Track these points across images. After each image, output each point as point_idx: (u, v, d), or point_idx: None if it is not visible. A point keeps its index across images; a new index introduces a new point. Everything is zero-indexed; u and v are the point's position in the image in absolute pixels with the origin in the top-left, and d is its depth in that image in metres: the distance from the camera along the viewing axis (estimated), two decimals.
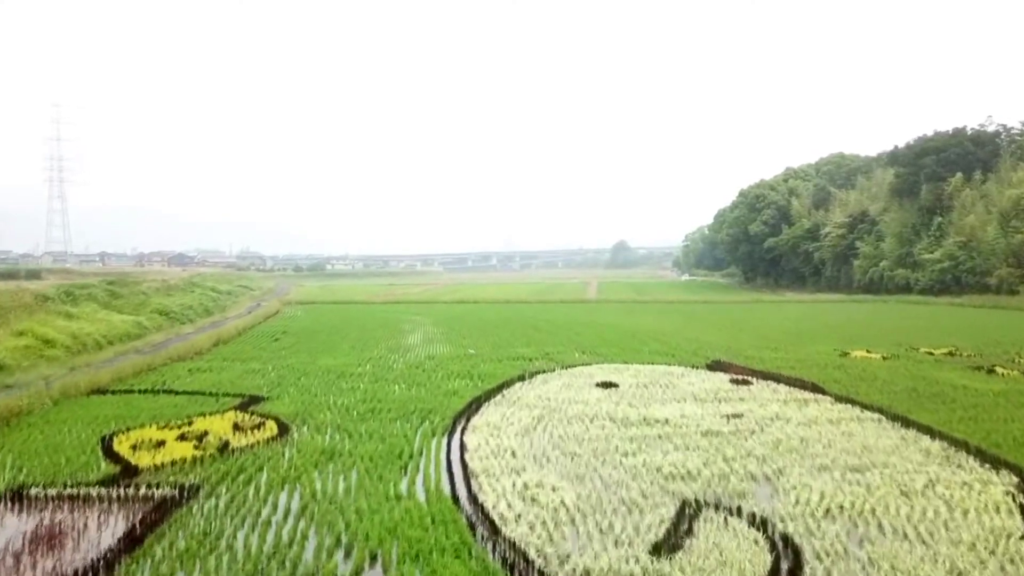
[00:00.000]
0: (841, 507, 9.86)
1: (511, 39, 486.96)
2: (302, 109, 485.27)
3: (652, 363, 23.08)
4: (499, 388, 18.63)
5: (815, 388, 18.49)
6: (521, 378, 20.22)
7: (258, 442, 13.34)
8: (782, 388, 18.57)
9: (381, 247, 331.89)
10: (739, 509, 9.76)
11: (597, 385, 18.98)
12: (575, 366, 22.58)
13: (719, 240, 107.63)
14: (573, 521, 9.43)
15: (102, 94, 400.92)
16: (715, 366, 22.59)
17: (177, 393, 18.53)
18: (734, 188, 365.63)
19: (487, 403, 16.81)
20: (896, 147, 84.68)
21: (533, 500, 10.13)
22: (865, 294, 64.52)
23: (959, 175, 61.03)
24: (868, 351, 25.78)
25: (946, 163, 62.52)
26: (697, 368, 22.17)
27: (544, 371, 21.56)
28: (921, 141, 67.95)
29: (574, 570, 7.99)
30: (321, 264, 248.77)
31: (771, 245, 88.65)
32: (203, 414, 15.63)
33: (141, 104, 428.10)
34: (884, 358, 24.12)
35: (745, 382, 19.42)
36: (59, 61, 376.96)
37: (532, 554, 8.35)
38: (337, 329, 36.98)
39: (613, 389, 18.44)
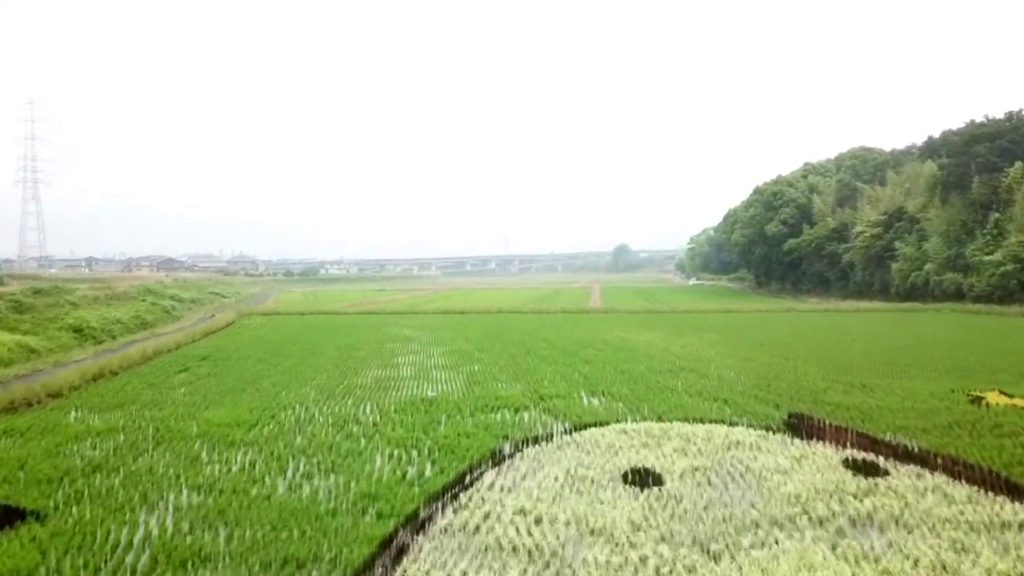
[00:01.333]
0: None
1: (511, 37, 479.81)
2: (301, 111, 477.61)
3: (701, 420, 15.19)
4: (456, 485, 10.76)
5: (1009, 486, 10.58)
6: (498, 458, 12.37)
7: None
8: (950, 486, 10.66)
9: (379, 251, 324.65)
10: None
11: (625, 481, 11.09)
12: (585, 426, 14.69)
13: (731, 242, 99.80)
14: None
15: (98, 94, 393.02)
16: (799, 424, 14.70)
17: None
18: (738, 189, 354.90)
19: (422, 539, 8.87)
20: (931, 137, 77.09)
21: None
22: (906, 301, 56.73)
23: (1018, 164, 53.16)
24: (1007, 394, 17.85)
25: (1002, 151, 54.70)
26: (774, 430, 14.27)
27: (537, 438, 13.69)
28: (970, 127, 60.13)
29: None
30: (315, 268, 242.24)
31: (791, 247, 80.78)
32: None
33: (136, 105, 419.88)
34: None
35: (874, 469, 11.53)
36: (59, 61, 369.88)
37: None
38: (277, 351, 29.14)
39: (654, 491, 10.55)
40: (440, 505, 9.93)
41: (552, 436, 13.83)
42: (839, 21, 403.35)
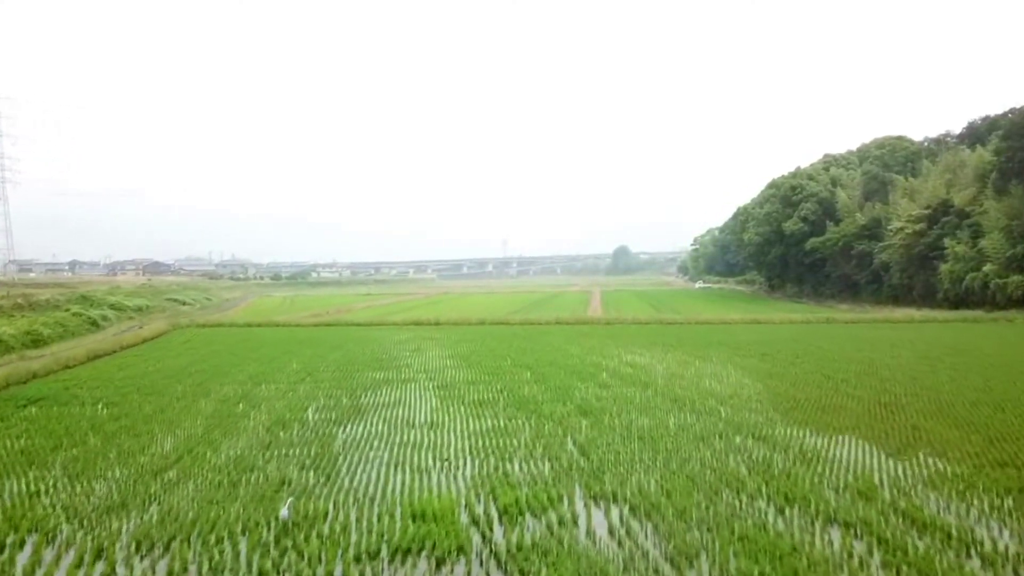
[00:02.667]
0: None
1: (511, 35, 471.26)
2: (301, 111, 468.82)
3: None
4: None
5: None
6: None
7: None
8: None
9: (377, 254, 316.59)
10: None
11: None
12: None
13: (742, 241, 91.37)
14: None
15: (99, 92, 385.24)
16: None
17: None
18: (741, 189, 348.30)
19: None
20: (973, 122, 68.95)
21: None
22: (957, 308, 48.42)
23: None
24: None
25: None
26: None
27: None
28: None
29: None
30: (307, 272, 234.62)
31: (814, 246, 72.36)
32: None
33: (133, 101, 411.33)
34: None
35: None
36: (57, 59, 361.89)
37: None
38: (151, 389, 20.76)
39: None
40: None
41: None
42: (833, 17, 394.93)
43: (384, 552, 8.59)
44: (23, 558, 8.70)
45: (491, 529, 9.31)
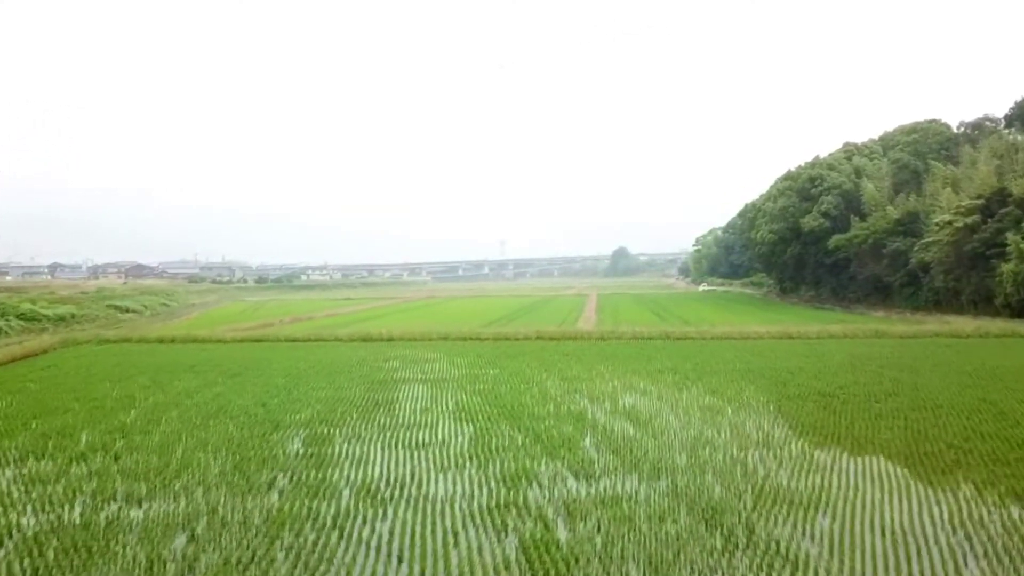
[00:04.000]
0: None
1: (509, 35, 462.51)
2: (294, 109, 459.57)
3: None
4: None
5: None
6: None
7: None
8: None
9: (372, 256, 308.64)
10: None
11: None
12: None
13: (753, 240, 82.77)
14: None
15: (85, 91, 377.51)
16: None
17: None
18: (743, 189, 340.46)
19: None
20: (1020, 102, 60.61)
21: None
22: (1021, 316, 40.09)
23: None
24: None
25: None
26: None
27: None
28: None
29: None
30: (296, 274, 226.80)
31: (837, 244, 63.74)
32: None
33: (135, 101, 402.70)
34: None
35: None
36: (60, 59, 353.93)
37: None
38: None
39: None
40: None
41: None
42: (830, 11, 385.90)
43: None
44: None
45: None
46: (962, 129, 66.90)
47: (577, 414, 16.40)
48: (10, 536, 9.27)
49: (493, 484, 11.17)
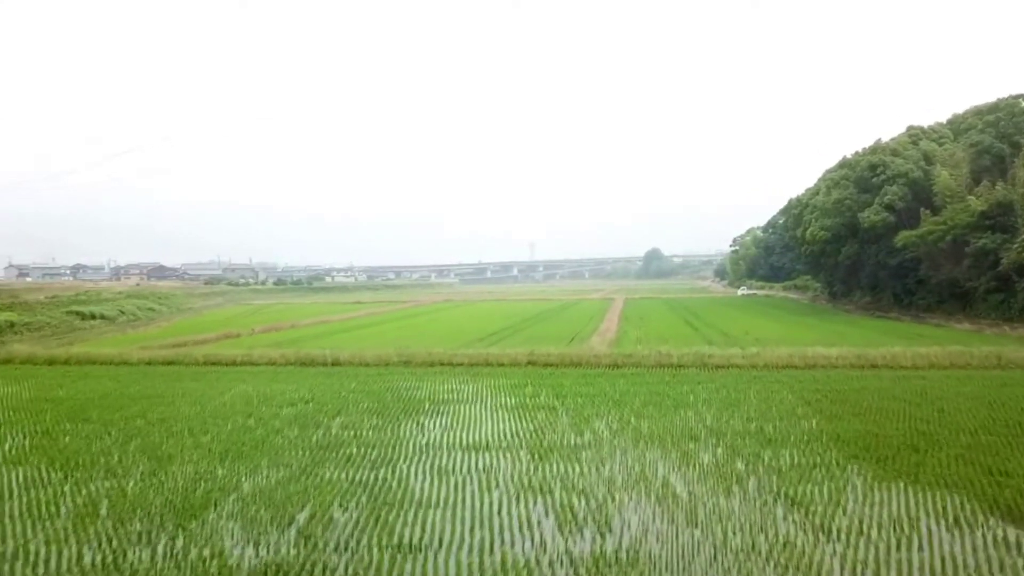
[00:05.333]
0: None
1: (536, 39, 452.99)
2: (335, 108, 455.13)
3: None
4: None
5: None
6: None
7: None
8: None
9: (405, 256, 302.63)
10: None
11: None
12: None
13: (802, 239, 72.77)
14: None
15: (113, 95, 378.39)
16: None
17: None
18: (780, 188, 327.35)
19: None
20: None
21: None
22: None
23: None
24: None
25: None
26: None
27: None
28: None
29: None
30: (321, 276, 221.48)
31: (907, 241, 53.79)
32: None
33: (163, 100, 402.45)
34: None
35: None
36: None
37: None
38: None
39: None
40: None
41: None
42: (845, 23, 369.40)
43: None
44: None
45: None
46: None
47: None
48: None
49: None
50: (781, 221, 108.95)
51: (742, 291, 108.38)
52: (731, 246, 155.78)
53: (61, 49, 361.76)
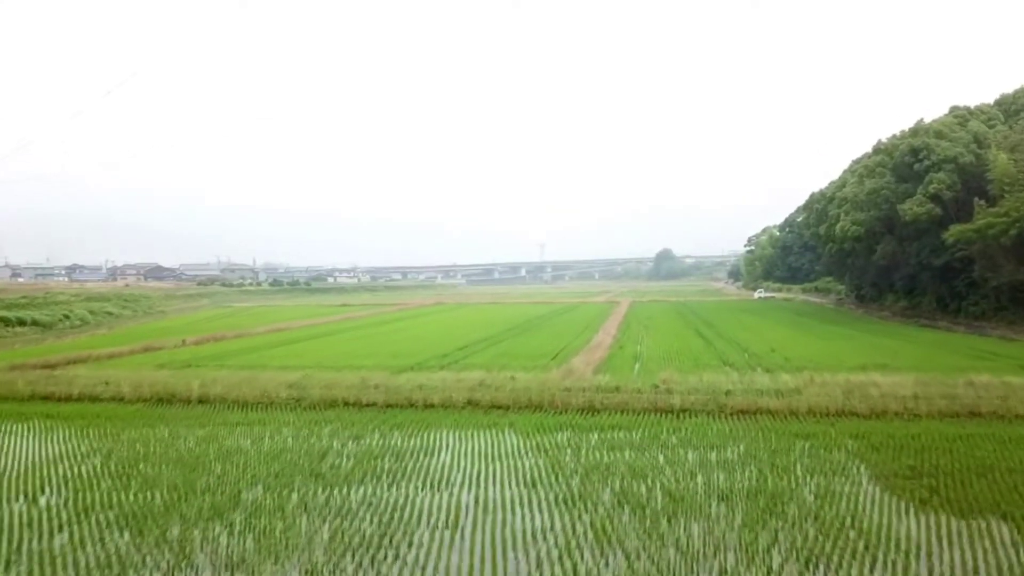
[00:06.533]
0: None
1: (542, 38, 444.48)
2: (340, 106, 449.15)
3: None
4: None
5: None
6: None
7: None
8: None
9: (412, 255, 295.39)
10: None
11: None
12: None
13: (830, 236, 64.44)
14: None
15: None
16: None
17: None
18: (797, 188, 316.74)
19: None
20: None
21: None
22: None
23: None
24: None
25: None
26: None
27: None
28: None
29: None
30: (322, 277, 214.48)
31: (960, 236, 45.48)
32: None
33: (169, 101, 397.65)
34: None
35: None
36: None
37: None
38: None
39: None
40: None
41: None
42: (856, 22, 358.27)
43: None
44: None
45: None
46: None
47: None
48: None
49: None
50: (801, 218, 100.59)
51: (759, 294, 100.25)
52: (746, 246, 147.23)
53: (61, 49, 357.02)
